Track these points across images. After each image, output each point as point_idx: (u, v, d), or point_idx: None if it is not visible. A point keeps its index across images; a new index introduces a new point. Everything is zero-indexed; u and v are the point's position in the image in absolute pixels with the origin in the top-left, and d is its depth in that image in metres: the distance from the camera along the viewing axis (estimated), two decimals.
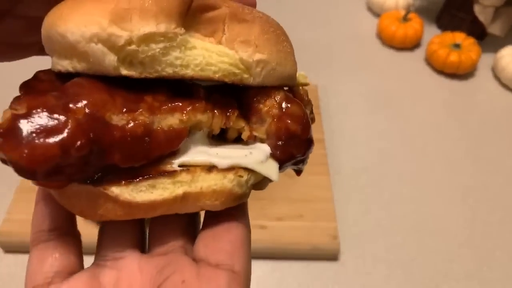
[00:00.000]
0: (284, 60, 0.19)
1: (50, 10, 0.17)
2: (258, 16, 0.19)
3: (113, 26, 0.14)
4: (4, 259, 0.50)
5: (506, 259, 0.53)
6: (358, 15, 0.92)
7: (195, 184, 0.17)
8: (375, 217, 0.57)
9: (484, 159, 0.65)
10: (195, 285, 0.15)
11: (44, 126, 0.14)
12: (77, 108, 0.15)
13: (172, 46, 0.16)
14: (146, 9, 0.15)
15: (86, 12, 0.15)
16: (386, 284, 0.50)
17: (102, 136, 0.15)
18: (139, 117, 0.16)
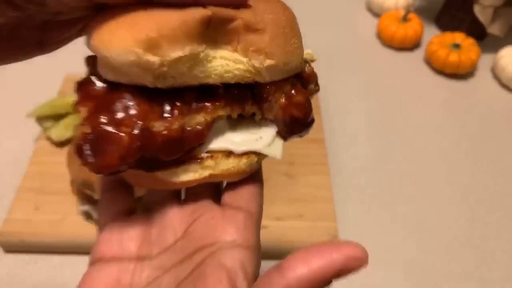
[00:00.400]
0: (291, 57, 0.22)
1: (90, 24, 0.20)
2: (269, 19, 0.21)
3: (148, 54, 0.18)
4: (5, 259, 0.50)
5: (506, 259, 0.54)
6: (357, 16, 0.92)
7: (217, 167, 0.22)
8: (375, 217, 0.57)
9: (484, 159, 0.65)
10: (221, 220, 0.21)
11: (106, 142, 0.19)
12: (129, 123, 0.19)
13: (196, 63, 0.19)
14: (172, 36, 0.18)
15: (123, 42, 0.18)
16: (386, 284, 0.51)
17: (149, 143, 0.19)
18: (175, 122, 0.20)
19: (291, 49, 0.22)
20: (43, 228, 0.50)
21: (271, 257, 0.41)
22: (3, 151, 0.62)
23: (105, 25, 0.19)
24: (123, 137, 0.19)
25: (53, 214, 0.51)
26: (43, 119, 0.59)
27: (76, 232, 0.50)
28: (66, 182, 0.51)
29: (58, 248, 0.51)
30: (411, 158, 0.64)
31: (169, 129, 0.19)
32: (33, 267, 0.50)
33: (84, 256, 0.51)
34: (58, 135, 0.58)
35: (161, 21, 0.18)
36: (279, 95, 0.22)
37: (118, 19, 0.19)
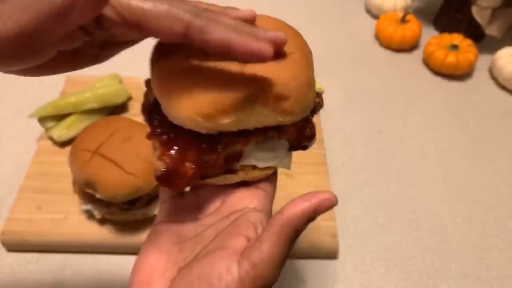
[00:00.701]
0: (307, 108, 0.28)
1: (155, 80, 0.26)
2: (293, 86, 0.26)
3: (206, 122, 0.25)
4: (7, 258, 0.51)
5: (503, 257, 0.54)
6: (356, 17, 0.92)
7: (247, 175, 0.30)
8: (374, 216, 0.57)
9: (482, 159, 0.66)
10: (248, 195, 0.30)
11: (176, 176, 0.26)
12: (191, 159, 0.26)
13: (238, 121, 0.26)
14: (223, 110, 0.24)
15: (188, 112, 0.24)
16: (385, 282, 0.51)
17: (204, 171, 0.27)
18: (221, 154, 0.27)
19: (307, 103, 0.28)
20: (45, 227, 0.51)
21: None
22: (5, 151, 0.62)
23: (171, 90, 0.25)
24: (188, 171, 0.26)
25: (55, 214, 0.52)
26: (45, 119, 0.60)
27: (78, 231, 0.51)
28: (68, 181, 0.52)
29: (60, 247, 0.51)
30: (410, 157, 0.65)
31: (218, 159, 0.27)
32: (35, 266, 0.50)
33: (85, 255, 0.51)
34: (60, 135, 0.59)
35: (215, 96, 0.24)
36: (295, 126, 0.29)
37: (180, 85, 0.25)
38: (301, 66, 0.27)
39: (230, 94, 0.24)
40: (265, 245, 0.24)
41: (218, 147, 0.27)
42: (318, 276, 0.51)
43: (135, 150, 0.47)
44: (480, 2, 0.77)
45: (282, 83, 0.26)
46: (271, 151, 0.30)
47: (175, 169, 0.26)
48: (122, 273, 0.50)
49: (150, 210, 0.50)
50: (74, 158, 0.48)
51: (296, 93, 0.26)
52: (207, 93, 0.24)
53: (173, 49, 0.26)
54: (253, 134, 0.27)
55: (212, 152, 0.27)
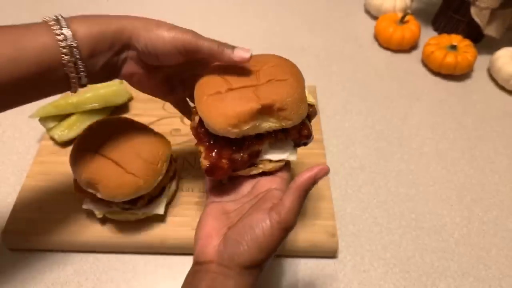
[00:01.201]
0: (302, 115, 0.40)
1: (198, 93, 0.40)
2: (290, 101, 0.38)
3: (233, 129, 0.37)
4: (9, 257, 0.51)
5: (502, 257, 0.54)
6: (355, 18, 0.93)
7: (265, 167, 0.41)
8: (373, 216, 0.58)
9: (481, 159, 0.66)
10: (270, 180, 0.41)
11: (216, 169, 0.39)
12: (226, 157, 0.39)
13: (254, 127, 0.38)
14: (243, 120, 0.37)
15: (220, 124, 0.37)
16: (384, 281, 0.51)
17: (234, 164, 0.40)
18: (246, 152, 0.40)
19: (301, 112, 0.40)
20: (46, 227, 0.51)
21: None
22: (7, 151, 0.63)
23: (209, 111, 0.38)
24: (224, 165, 0.39)
25: (56, 213, 0.52)
26: (46, 120, 0.60)
27: (79, 231, 0.51)
28: (69, 181, 0.52)
29: (61, 246, 0.51)
30: (409, 157, 0.65)
31: (244, 156, 0.40)
32: (36, 265, 0.51)
33: (86, 254, 0.52)
34: (61, 135, 0.59)
35: (237, 111, 0.37)
36: (295, 129, 0.41)
37: (215, 107, 0.38)
38: (294, 87, 0.39)
39: (247, 109, 0.37)
40: (287, 201, 0.35)
41: (243, 148, 0.40)
42: (318, 275, 0.51)
43: (136, 150, 0.47)
44: (479, 3, 0.78)
45: (281, 99, 0.38)
46: (281, 148, 0.42)
47: (215, 164, 0.39)
48: (122, 272, 0.51)
49: (150, 209, 0.50)
50: (75, 158, 0.48)
51: (292, 106, 0.38)
52: (232, 111, 0.37)
53: (208, 84, 0.40)
54: (266, 137, 0.40)
55: (239, 151, 0.40)
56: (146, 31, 0.38)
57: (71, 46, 0.36)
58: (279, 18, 0.92)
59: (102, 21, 0.39)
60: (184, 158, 0.59)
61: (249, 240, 0.34)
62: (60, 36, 0.36)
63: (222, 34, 0.86)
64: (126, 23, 0.39)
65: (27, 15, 0.89)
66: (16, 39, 0.35)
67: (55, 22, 0.36)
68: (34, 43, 0.35)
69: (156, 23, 0.39)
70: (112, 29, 0.39)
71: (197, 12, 0.92)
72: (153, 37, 0.38)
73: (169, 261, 0.52)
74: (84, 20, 0.38)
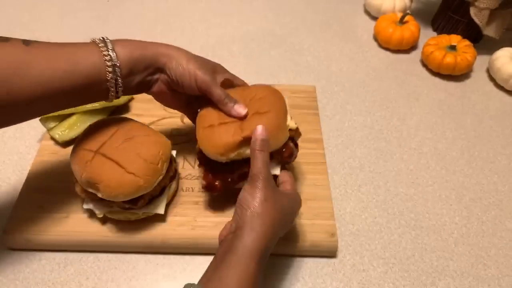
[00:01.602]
0: (283, 140, 0.49)
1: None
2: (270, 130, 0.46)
3: (221, 157, 0.47)
4: (10, 257, 0.51)
5: (501, 256, 0.54)
6: (355, 18, 0.93)
7: None
8: (372, 215, 0.58)
9: (480, 159, 0.66)
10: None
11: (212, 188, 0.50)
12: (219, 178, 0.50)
13: (240, 154, 0.48)
14: (230, 149, 0.47)
15: (213, 151, 0.48)
16: (383, 281, 0.51)
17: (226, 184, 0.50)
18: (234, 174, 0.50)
19: (280, 139, 0.48)
20: (47, 226, 0.51)
21: (271, 254, 0.42)
22: (7, 151, 0.63)
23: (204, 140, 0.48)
24: (217, 185, 0.50)
25: (57, 213, 0.52)
26: (47, 120, 0.61)
27: (79, 230, 0.51)
28: (70, 181, 0.52)
29: (62, 246, 0.52)
30: (408, 157, 0.65)
31: (234, 177, 0.50)
32: (37, 265, 0.51)
33: (87, 254, 0.52)
34: (61, 135, 0.59)
35: (225, 142, 0.46)
36: (277, 152, 0.49)
37: (208, 137, 0.48)
38: (273, 118, 0.47)
39: (231, 141, 0.46)
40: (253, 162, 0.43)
41: (233, 169, 0.49)
42: (317, 274, 0.52)
43: (136, 150, 0.47)
44: (478, 3, 0.78)
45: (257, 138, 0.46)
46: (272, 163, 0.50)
47: (211, 184, 0.50)
48: (123, 271, 0.51)
49: (151, 209, 0.51)
50: (75, 158, 0.48)
51: (271, 134, 0.46)
52: (220, 142, 0.47)
53: (205, 117, 0.49)
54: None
55: (231, 173, 0.50)
56: (177, 64, 0.47)
57: (115, 65, 0.43)
58: (279, 18, 0.92)
59: (141, 45, 0.47)
60: (184, 158, 0.60)
61: (246, 198, 0.42)
62: (107, 56, 0.43)
63: (222, 34, 0.87)
64: (162, 50, 0.47)
65: (28, 15, 0.89)
66: (70, 57, 0.41)
67: (103, 44, 0.43)
68: (85, 60, 0.42)
69: (187, 58, 0.47)
70: (149, 54, 0.46)
71: (197, 12, 0.92)
72: (182, 71, 0.47)
73: (169, 260, 0.52)
74: (126, 44, 0.46)
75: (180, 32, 0.87)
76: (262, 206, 0.41)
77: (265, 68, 0.79)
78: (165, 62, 0.47)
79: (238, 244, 0.39)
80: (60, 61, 0.41)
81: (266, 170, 0.43)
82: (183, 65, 0.47)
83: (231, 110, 0.48)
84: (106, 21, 0.88)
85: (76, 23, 0.87)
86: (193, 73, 0.47)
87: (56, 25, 0.87)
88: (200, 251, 0.52)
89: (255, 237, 0.39)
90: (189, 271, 0.51)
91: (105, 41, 0.44)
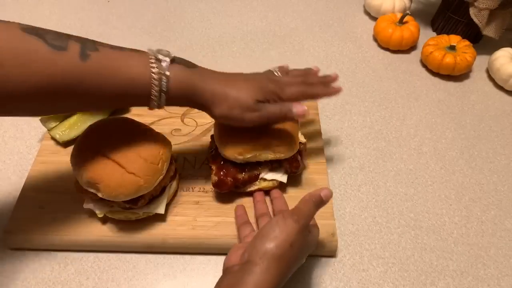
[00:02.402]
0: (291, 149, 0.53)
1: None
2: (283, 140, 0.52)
3: (239, 157, 0.51)
4: (10, 256, 0.51)
5: (500, 256, 0.55)
6: (355, 18, 0.93)
7: (262, 185, 0.55)
8: (372, 215, 0.58)
9: (479, 158, 0.66)
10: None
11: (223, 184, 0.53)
12: (230, 175, 0.53)
13: (255, 156, 0.52)
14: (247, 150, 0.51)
15: (231, 153, 0.51)
16: (383, 281, 0.52)
17: (237, 182, 0.53)
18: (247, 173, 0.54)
19: (292, 149, 0.53)
20: (47, 226, 0.51)
21: None
22: (8, 151, 0.63)
23: (223, 141, 0.51)
24: (228, 182, 0.52)
25: (57, 212, 0.52)
26: (48, 120, 0.61)
27: (79, 230, 0.51)
28: (70, 181, 0.52)
29: (62, 246, 0.52)
30: (408, 157, 0.66)
31: (245, 177, 0.53)
32: (37, 264, 0.51)
33: (87, 254, 0.52)
34: (62, 135, 0.59)
35: (243, 144, 0.50)
36: (287, 161, 0.54)
37: (227, 138, 0.51)
38: (288, 132, 0.52)
39: (251, 143, 0.51)
40: (301, 205, 0.42)
41: (245, 170, 0.53)
42: (317, 274, 0.52)
43: (136, 150, 0.47)
44: (477, 3, 0.78)
45: (277, 140, 0.52)
46: (275, 172, 0.55)
47: (222, 180, 0.52)
48: (123, 271, 0.51)
49: (151, 208, 0.51)
50: (76, 158, 0.48)
51: (285, 144, 0.51)
52: (239, 143, 0.50)
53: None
54: (264, 164, 0.54)
55: (242, 173, 0.53)
56: (220, 109, 0.45)
57: (161, 91, 0.42)
58: (279, 18, 0.92)
59: (191, 81, 0.44)
60: (185, 158, 0.60)
61: (273, 234, 0.40)
62: (156, 88, 0.42)
63: (222, 34, 0.87)
64: (209, 93, 0.45)
65: (28, 15, 0.89)
66: (124, 63, 0.41)
67: (156, 75, 0.42)
68: (135, 87, 0.41)
69: (234, 104, 0.45)
70: (197, 94, 0.44)
71: (197, 13, 0.92)
72: (228, 118, 0.46)
73: (169, 260, 0.52)
74: (178, 73, 0.43)
75: (180, 32, 0.87)
76: (285, 250, 0.39)
77: (265, 68, 0.79)
78: (209, 107, 0.45)
79: (249, 280, 0.37)
80: (112, 82, 0.40)
81: (308, 221, 0.42)
82: (228, 111, 0.45)
83: (293, 116, 0.47)
84: (106, 21, 0.88)
85: (76, 23, 0.87)
86: (240, 117, 0.46)
87: (56, 25, 0.87)
88: (200, 251, 0.52)
89: (269, 279, 0.37)
90: (189, 271, 0.51)
91: (160, 62, 0.42)
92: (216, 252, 0.52)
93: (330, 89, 0.52)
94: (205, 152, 0.60)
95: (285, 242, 0.39)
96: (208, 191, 0.56)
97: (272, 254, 0.38)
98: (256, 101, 0.46)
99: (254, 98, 0.45)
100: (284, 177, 0.54)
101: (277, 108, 0.47)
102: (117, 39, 0.82)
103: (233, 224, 0.53)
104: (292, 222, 0.40)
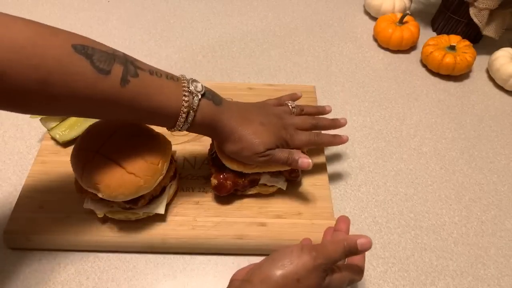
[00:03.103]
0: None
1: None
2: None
3: (240, 170, 0.52)
4: (10, 256, 0.51)
5: (500, 256, 0.55)
6: (355, 18, 0.93)
7: (261, 189, 0.55)
8: (372, 215, 0.58)
9: (479, 158, 0.66)
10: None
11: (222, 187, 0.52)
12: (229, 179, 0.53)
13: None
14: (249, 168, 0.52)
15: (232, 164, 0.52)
16: (383, 280, 0.52)
17: (236, 186, 0.53)
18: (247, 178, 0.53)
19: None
20: (47, 226, 0.51)
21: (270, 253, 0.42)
22: (8, 150, 0.63)
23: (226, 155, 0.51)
24: (228, 185, 0.52)
25: (57, 212, 0.52)
26: (48, 120, 0.61)
27: (79, 230, 0.51)
28: (70, 181, 0.52)
29: (62, 246, 0.52)
30: (408, 157, 0.66)
31: (245, 181, 0.53)
32: (37, 264, 0.51)
33: (87, 254, 0.52)
34: (62, 135, 0.59)
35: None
36: (287, 170, 0.54)
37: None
38: None
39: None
40: (327, 243, 0.39)
41: (245, 175, 0.52)
42: None
43: (136, 150, 0.47)
44: (477, 3, 0.78)
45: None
46: (276, 178, 0.54)
47: (221, 184, 0.52)
48: (123, 271, 0.51)
49: (151, 209, 0.51)
50: (76, 158, 0.48)
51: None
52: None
53: None
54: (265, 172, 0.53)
55: (242, 178, 0.53)
56: (233, 147, 0.48)
57: (186, 122, 0.45)
58: (279, 18, 0.92)
59: (215, 117, 0.46)
60: (184, 158, 0.60)
61: (282, 262, 0.37)
62: (183, 115, 0.44)
63: (222, 34, 0.87)
64: (228, 131, 0.47)
65: (28, 15, 0.89)
66: (159, 91, 0.42)
67: (188, 98, 0.44)
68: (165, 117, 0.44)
69: (246, 147, 0.48)
70: (217, 129, 0.47)
71: (197, 13, 0.92)
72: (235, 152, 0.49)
73: (169, 260, 0.52)
74: (206, 109, 0.46)
75: (180, 32, 0.87)
76: (290, 283, 0.36)
77: (265, 68, 0.79)
78: (222, 144, 0.50)
79: None
80: (144, 106, 0.42)
81: (328, 263, 0.37)
82: (237, 154, 0.49)
83: (298, 167, 0.50)
84: (106, 21, 0.88)
85: (76, 23, 0.87)
86: (248, 159, 0.49)
87: (56, 25, 0.87)
88: (200, 251, 0.52)
89: None
90: (189, 271, 0.51)
91: (190, 107, 0.44)
92: (216, 252, 0.52)
93: (337, 139, 0.55)
94: (205, 152, 0.60)
95: (292, 275, 0.36)
96: (208, 191, 0.56)
97: (275, 281, 0.36)
98: (267, 149, 0.48)
99: (266, 147, 0.48)
100: (284, 184, 0.55)
101: (284, 156, 0.49)
102: (117, 39, 0.82)
103: (233, 224, 0.53)
104: (307, 257, 0.37)
